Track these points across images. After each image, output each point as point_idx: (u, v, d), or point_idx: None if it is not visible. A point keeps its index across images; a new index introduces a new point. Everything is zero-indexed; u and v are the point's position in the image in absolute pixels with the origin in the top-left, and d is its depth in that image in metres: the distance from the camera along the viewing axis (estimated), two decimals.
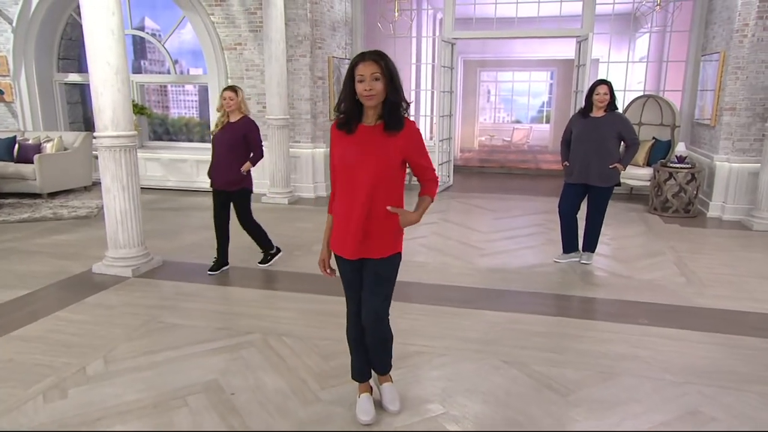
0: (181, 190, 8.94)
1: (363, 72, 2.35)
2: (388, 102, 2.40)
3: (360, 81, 2.36)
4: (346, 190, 2.48)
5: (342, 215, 2.51)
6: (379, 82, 2.35)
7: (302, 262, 5.34)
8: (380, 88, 2.36)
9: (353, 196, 2.46)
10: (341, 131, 2.48)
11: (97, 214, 7.19)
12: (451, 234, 6.43)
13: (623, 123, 4.98)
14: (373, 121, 2.46)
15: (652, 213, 7.46)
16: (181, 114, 10.96)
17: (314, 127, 8.49)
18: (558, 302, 4.47)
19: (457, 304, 4.31)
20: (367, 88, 2.35)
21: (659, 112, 8.45)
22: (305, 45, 8.15)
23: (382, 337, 2.69)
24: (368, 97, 2.36)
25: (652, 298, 4.46)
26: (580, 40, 8.55)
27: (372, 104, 2.39)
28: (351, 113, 2.43)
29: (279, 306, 4.31)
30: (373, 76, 2.35)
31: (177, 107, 11.31)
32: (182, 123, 10.64)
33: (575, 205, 5.23)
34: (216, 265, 5.00)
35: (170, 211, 7.61)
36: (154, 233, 6.16)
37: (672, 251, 5.75)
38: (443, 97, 9.01)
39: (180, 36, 9.55)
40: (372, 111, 2.43)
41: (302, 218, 7.21)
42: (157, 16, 10.11)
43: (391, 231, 2.54)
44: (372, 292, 2.57)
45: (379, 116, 2.45)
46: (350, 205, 2.47)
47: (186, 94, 11.42)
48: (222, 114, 4.73)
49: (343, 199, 2.49)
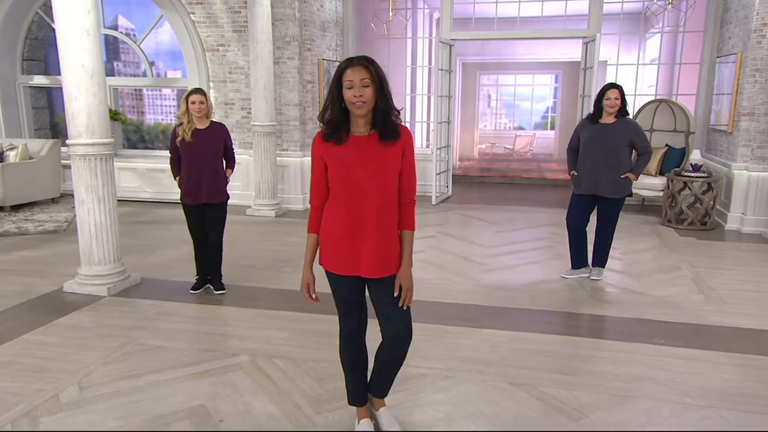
0: (158, 202, 8.96)
1: (352, 78, 2.39)
2: (379, 110, 2.46)
3: (349, 88, 2.40)
4: (349, 206, 2.50)
5: (346, 233, 2.53)
6: (368, 89, 2.40)
7: (292, 278, 5.37)
8: (370, 95, 2.41)
9: (360, 212, 2.50)
10: (329, 142, 2.50)
11: (66, 229, 7.19)
12: (450, 248, 6.49)
13: (635, 130, 5.08)
14: (366, 131, 2.50)
15: (666, 225, 7.57)
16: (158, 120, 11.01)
17: (303, 134, 8.57)
18: (567, 320, 4.52)
19: (459, 323, 4.36)
20: (357, 94, 2.39)
21: (672, 118, 8.59)
22: (293, 46, 8.25)
23: (402, 354, 2.73)
24: (358, 104, 2.41)
25: (668, 316, 4.54)
26: (587, 41, 8.71)
27: (362, 112, 2.43)
28: (339, 122, 2.47)
29: (269, 326, 4.33)
30: (363, 82, 2.40)
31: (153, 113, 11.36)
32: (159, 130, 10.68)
33: (584, 217, 5.31)
34: (198, 282, 5.04)
35: (147, 224, 7.63)
36: (131, 249, 6.18)
37: (688, 266, 5.84)
38: (441, 102, 9.13)
39: (157, 36, 9.62)
40: (362, 119, 2.48)
41: (291, 232, 7.25)
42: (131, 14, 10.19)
43: (398, 244, 2.61)
44: (396, 305, 2.61)
45: (370, 125, 2.50)
46: (358, 221, 2.51)
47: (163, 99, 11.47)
48: (188, 120, 4.68)
49: (346, 215, 2.52)
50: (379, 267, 2.57)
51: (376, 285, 2.62)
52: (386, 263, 2.58)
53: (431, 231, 7.21)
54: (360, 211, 2.50)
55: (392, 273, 2.60)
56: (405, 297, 2.60)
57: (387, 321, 2.65)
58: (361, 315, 2.76)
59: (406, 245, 2.61)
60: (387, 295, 2.61)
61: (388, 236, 2.56)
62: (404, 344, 2.69)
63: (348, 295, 2.67)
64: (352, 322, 2.74)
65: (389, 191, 2.53)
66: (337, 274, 2.62)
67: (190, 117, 4.70)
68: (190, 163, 4.74)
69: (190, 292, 4.97)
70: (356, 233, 2.53)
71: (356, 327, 2.76)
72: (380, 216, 2.52)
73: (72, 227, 7.09)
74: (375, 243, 2.53)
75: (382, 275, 2.58)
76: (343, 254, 2.57)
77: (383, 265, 2.57)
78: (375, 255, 2.54)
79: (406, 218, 2.61)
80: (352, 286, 2.65)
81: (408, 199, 2.61)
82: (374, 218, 2.51)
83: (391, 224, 2.57)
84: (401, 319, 2.64)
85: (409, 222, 2.62)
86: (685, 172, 7.60)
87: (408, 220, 2.61)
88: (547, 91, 19.58)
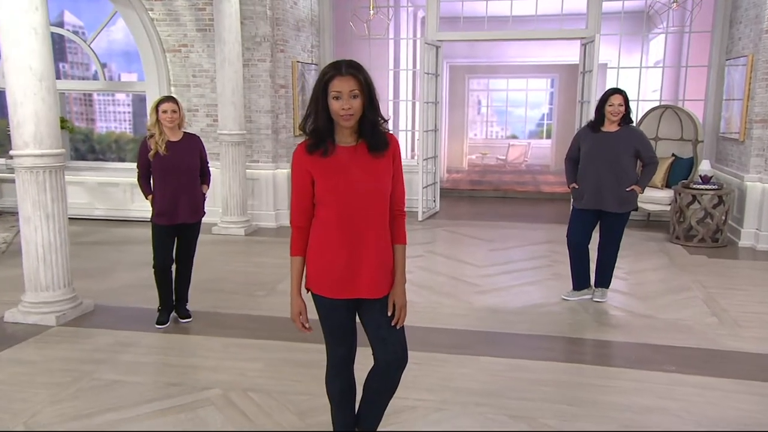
0: (111, 220, 8.91)
1: (340, 89, 2.44)
2: (367, 120, 2.52)
3: (336, 98, 2.45)
4: (343, 221, 2.54)
5: (342, 251, 2.56)
6: (357, 100, 2.46)
7: (267, 303, 5.38)
8: (359, 107, 2.47)
9: (357, 227, 2.54)
10: (314, 155, 2.54)
11: (5, 250, 7.10)
12: (440, 268, 6.54)
13: (640, 139, 5.21)
14: (353, 141, 2.56)
15: (674, 242, 7.71)
16: (110, 128, 10.98)
17: (276, 143, 8.61)
18: (569, 347, 4.59)
19: (451, 350, 4.40)
20: (345, 107, 2.44)
21: (679, 125, 8.78)
22: (264, 47, 8.31)
23: (397, 380, 2.77)
24: (346, 117, 2.46)
25: (679, 341, 4.63)
26: (586, 42, 8.90)
27: (350, 125, 2.49)
28: (325, 132, 2.52)
29: (242, 356, 4.33)
30: (352, 93, 2.44)
31: (105, 120, 11.32)
32: (111, 139, 10.66)
33: (586, 233, 5.40)
34: (163, 315, 4.97)
35: (99, 245, 7.58)
36: (82, 272, 6.12)
37: (699, 287, 5.96)
38: (427, 108, 9.24)
39: (109, 35, 9.62)
40: (348, 130, 2.54)
41: (263, 252, 7.26)
42: (79, 10, 10.18)
43: (393, 261, 2.67)
44: (392, 325, 2.67)
45: (356, 134, 2.56)
46: (354, 238, 2.55)
47: (117, 105, 11.45)
48: (159, 132, 4.69)
49: (340, 232, 2.55)
50: (380, 285, 2.62)
51: (370, 306, 2.66)
52: (384, 281, 2.63)
53: (418, 250, 7.27)
54: (356, 226, 2.55)
55: (386, 292, 2.65)
56: (399, 316, 2.65)
57: (382, 344, 2.68)
58: (353, 342, 2.79)
59: (399, 260, 2.67)
60: (383, 315, 2.66)
61: (386, 251, 2.62)
62: (400, 368, 2.73)
63: (342, 321, 2.70)
64: (343, 350, 2.77)
65: (384, 202, 2.59)
66: (331, 298, 2.64)
67: (161, 128, 4.70)
68: (165, 180, 4.73)
69: (156, 327, 4.91)
70: (353, 251, 2.56)
71: (347, 355, 2.79)
72: (377, 230, 2.58)
73: (13, 248, 7.00)
74: (375, 259, 2.58)
75: (383, 294, 2.64)
76: (337, 275, 2.59)
77: (383, 283, 2.63)
78: (375, 272, 2.59)
79: (397, 231, 2.68)
80: (346, 311, 2.68)
81: (398, 211, 2.68)
82: (372, 232, 2.56)
83: (386, 238, 2.63)
84: (397, 340, 2.69)
85: (400, 235, 2.69)
86: (693, 185, 7.74)
87: (400, 233, 2.68)
88: (542, 96, 19.89)
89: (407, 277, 2.78)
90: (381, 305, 2.66)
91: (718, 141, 8.78)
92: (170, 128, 4.72)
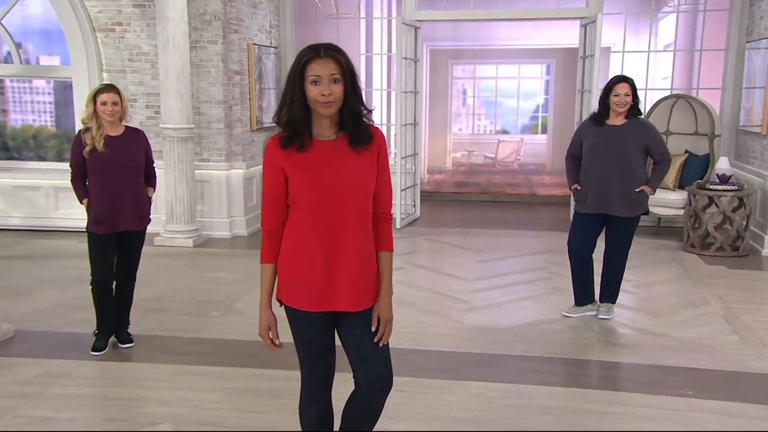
0: (31, 230, 8.77)
1: (319, 72, 2.51)
2: (348, 109, 2.59)
3: (314, 83, 2.52)
4: (320, 225, 2.60)
5: (318, 258, 2.61)
6: (338, 86, 2.53)
7: (222, 324, 5.39)
8: (340, 93, 2.54)
9: (335, 231, 2.60)
10: (288, 149, 2.60)
11: None
12: (422, 283, 6.61)
13: (650, 133, 5.32)
14: (333, 134, 2.63)
15: (689, 251, 7.85)
16: (27, 121, 10.82)
17: (229, 139, 8.61)
18: (572, 369, 4.68)
19: (438, 375, 4.46)
20: (325, 92, 2.51)
21: (692, 118, 8.93)
22: (215, 27, 8.31)
23: (381, 405, 2.82)
24: (326, 104, 2.53)
25: (696, 362, 4.73)
26: (586, 22, 9.04)
27: (330, 113, 2.56)
28: (302, 124, 2.58)
29: (195, 385, 4.33)
30: (332, 77, 2.52)
31: (20, 111, 11.14)
32: (29, 134, 10.51)
33: (590, 241, 5.49)
34: (101, 341, 4.93)
35: (18, 259, 7.49)
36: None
37: (718, 301, 6.09)
38: (405, 99, 9.30)
39: (24, 10, 9.48)
40: (327, 120, 2.61)
41: (216, 266, 7.26)
42: None
43: (376, 271, 2.74)
44: (374, 344, 2.72)
45: (337, 126, 2.63)
46: (332, 243, 2.61)
47: (35, 93, 11.28)
48: (97, 126, 4.68)
49: (316, 237, 2.61)
50: (359, 297, 2.67)
51: (351, 321, 2.72)
52: (366, 292, 2.69)
53: (398, 261, 7.21)
54: (334, 231, 2.61)
55: (369, 305, 2.71)
56: (384, 331, 2.71)
57: (363, 364, 2.74)
58: (331, 362, 2.84)
59: (385, 269, 2.74)
60: (364, 332, 2.71)
61: (367, 259, 2.69)
62: (384, 391, 2.78)
63: (319, 338, 2.75)
64: (320, 372, 2.82)
65: (366, 204, 2.66)
66: (306, 311, 2.69)
67: (99, 122, 4.69)
68: (104, 181, 4.72)
69: (92, 354, 4.86)
70: (330, 258, 2.62)
71: (325, 377, 2.83)
72: (359, 235, 2.64)
73: None
74: (354, 268, 2.63)
75: (362, 307, 2.68)
76: (313, 286, 2.64)
77: (363, 295, 2.68)
78: (354, 283, 2.64)
79: (383, 236, 2.75)
80: (323, 326, 2.73)
81: (384, 214, 2.75)
82: (352, 238, 2.62)
83: (370, 245, 2.70)
84: (381, 358, 2.75)
85: (387, 241, 2.76)
86: (710, 185, 7.86)
87: (386, 239, 2.75)
88: (536, 85, 20.06)
89: None
90: (363, 320, 2.71)
91: (738, 135, 8.94)
92: (110, 122, 4.72)
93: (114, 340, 5.03)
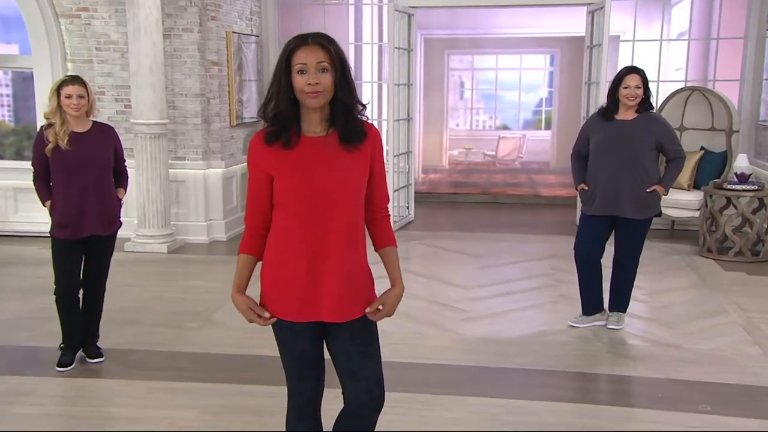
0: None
1: (305, 60, 2.52)
2: (340, 103, 2.59)
3: (300, 72, 2.53)
4: (306, 228, 2.61)
5: (302, 264, 2.62)
6: (327, 75, 2.53)
7: (200, 337, 5.39)
8: (329, 83, 2.54)
9: (321, 235, 2.61)
10: (274, 146, 2.61)
11: None
12: (418, 291, 6.59)
13: (663, 128, 5.34)
14: (322, 129, 2.63)
15: (705, 256, 7.87)
16: None
17: (207, 136, 8.59)
18: (580, 383, 4.69)
19: (437, 390, 4.46)
20: (311, 81, 2.51)
21: (708, 112, 8.97)
22: (191, 14, 8.30)
23: (372, 424, 2.82)
24: (313, 94, 2.53)
25: (714, 376, 4.73)
26: (593, 9, 9.07)
27: (318, 104, 2.57)
28: (289, 118, 2.59)
29: (171, 403, 4.32)
30: (320, 66, 2.53)
31: None
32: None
33: (598, 246, 5.51)
34: (67, 355, 4.90)
35: None
36: None
37: (737, 310, 6.11)
38: (398, 92, 9.30)
39: None
40: (317, 115, 2.61)
41: (192, 273, 7.25)
42: None
43: (368, 280, 2.75)
44: (365, 356, 2.75)
45: (327, 122, 2.63)
46: (318, 248, 2.61)
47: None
48: (61, 121, 4.65)
49: (301, 241, 2.62)
50: (345, 307, 2.67)
51: (339, 332, 2.72)
52: (354, 302, 2.69)
53: None
54: (320, 235, 2.61)
55: (358, 316, 2.70)
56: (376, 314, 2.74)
57: (352, 379, 2.74)
58: (319, 375, 2.84)
59: (394, 262, 2.79)
60: (353, 344, 2.72)
61: (356, 266, 2.69)
62: (375, 410, 2.79)
63: (306, 349, 2.75)
64: (308, 386, 2.81)
65: (357, 207, 2.67)
66: (290, 321, 2.69)
67: (63, 117, 4.66)
68: (69, 181, 4.69)
69: (57, 370, 4.84)
70: (316, 264, 2.62)
71: (313, 393, 2.83)
72: (347, 240, 2.64)
73: None
74: (341, 275, 2.64)
75: (349, 318, 2.69)
76: (297, 293, 2.65)
77: (350, 305, 2.68)
78: (341, 291, 2.65)
79: (385, 233, 2.81)
80: (311, 337, 2.73)
81: (382, 213, 2.80)
82: (340, 243, 2.63)
83: (359, 251, 2.70)
84: (371, 374, 2.75)
85: (389, 237, 2.82)
86: (728, 185, 7.90)
87: (388, 235, 2.82)
88: (539, 77, 20.12)
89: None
90: (352, 332, 2.71)
91: (758, 131, 8.99)
92: (76, 117, 4.70)
93: (82, 355, 5.01)
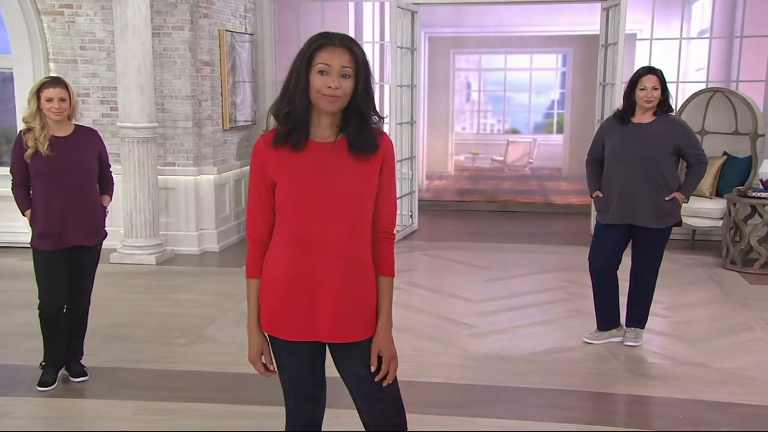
0: None
1: (329, 62, 2.51)
2: (355, 110, 2.59)
3: (321, 72, 2.52)
4: (304, 241, 2.60)
5: (298, 278, 2.62)
6: (348, 81, 2.53)
7: (191, 354, 5.39)
8: (349, 90, 2.54)
9: (319, 249, 2.60)
10: (281, 149, 2.60)
11: None
12: (422, 305, 6.60)
13: (683, 131, 5.34)
14: (331, 134, 2.63)
15: (729, 268, 7.87)
16: None
17: (198, 140, 8.59)
18: (596, 404, 4.68)
19: (443, 411, 4.45)
20: (333, 85, 2.51)
21: (732, 115, 8.97)
22: (182, 11, 8.31)
23: None
24: (331, 98, 2.52)
25: (740, 397, 4.72)
26: (608, 6, 9.08)
27: (333, 109, 2.56)
28: (302, 118, 2.58)
29: (160, 424, 4.31)
30: (343, 70, 2.52)
31: None
32: None
33: (614, 257, 5.50)
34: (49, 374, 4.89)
35: None
36: None
37: (764, 326, 6.10)
38: (401, 94, 9.32)
39: None
40: (327, 119, 2.60)
41: (183, 286, 7.25)
42: None
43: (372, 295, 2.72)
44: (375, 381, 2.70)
45: (337, 127, 2.62)
46: (315, 263, 2.60)
47: None
48: (41, 126, 4.65)
49: (299, 254, 2.61)
50: (342, 327, 2.66)
51: (346, 352, 2.71)
52: (355, 322, 2.67)
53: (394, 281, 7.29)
54: (321, 248, 2.60)
55: (365, 336, 2.69)
56: (386, 371, 2.68)
57: (368, 403, 2.73)
58: (319, 398, 2.84)
59: (385, 297, 2.73)
60: (364, 366, 2.70)
61: (356, 283, 2.66)
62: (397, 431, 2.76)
63: (303, 371, 2.75)
64: (307, 410, 2.81)
65: (361, 221, 2.64)
66: (286, 340, 2.69)
67: (44, 121, 4.67)
68: (51, 189, 4.70)
69: (39, 390, 4.83)
70: (312, 279, 2.61)
71: (312, 416, 2.83)
72: (348, 255, 2.62)
73: None
74: (339, 291, 2.62)
75: (349, 339, 2.68)
76: (293, 310, 2.65)
77: (350, 325, 2.67)
78: (337, 310, 2.63)
79: (383, 259, 2.74)
80: (310, 357, 2.73)
81: (385, 234, 2.74)
82: (341, 257, 2.61)
83: (361, 267, 2.67)
84: (387, 395, 2.73)
85: (387, 265, 2.74)
86: (752, 192, 7.89)
87: (386, 262, 2.74)
88: (551, 77, 20.13)
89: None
90: (360, 352, 2.69)
91: None
92: (57, 121, 4.70)
93: (64, 374, 5.00)
